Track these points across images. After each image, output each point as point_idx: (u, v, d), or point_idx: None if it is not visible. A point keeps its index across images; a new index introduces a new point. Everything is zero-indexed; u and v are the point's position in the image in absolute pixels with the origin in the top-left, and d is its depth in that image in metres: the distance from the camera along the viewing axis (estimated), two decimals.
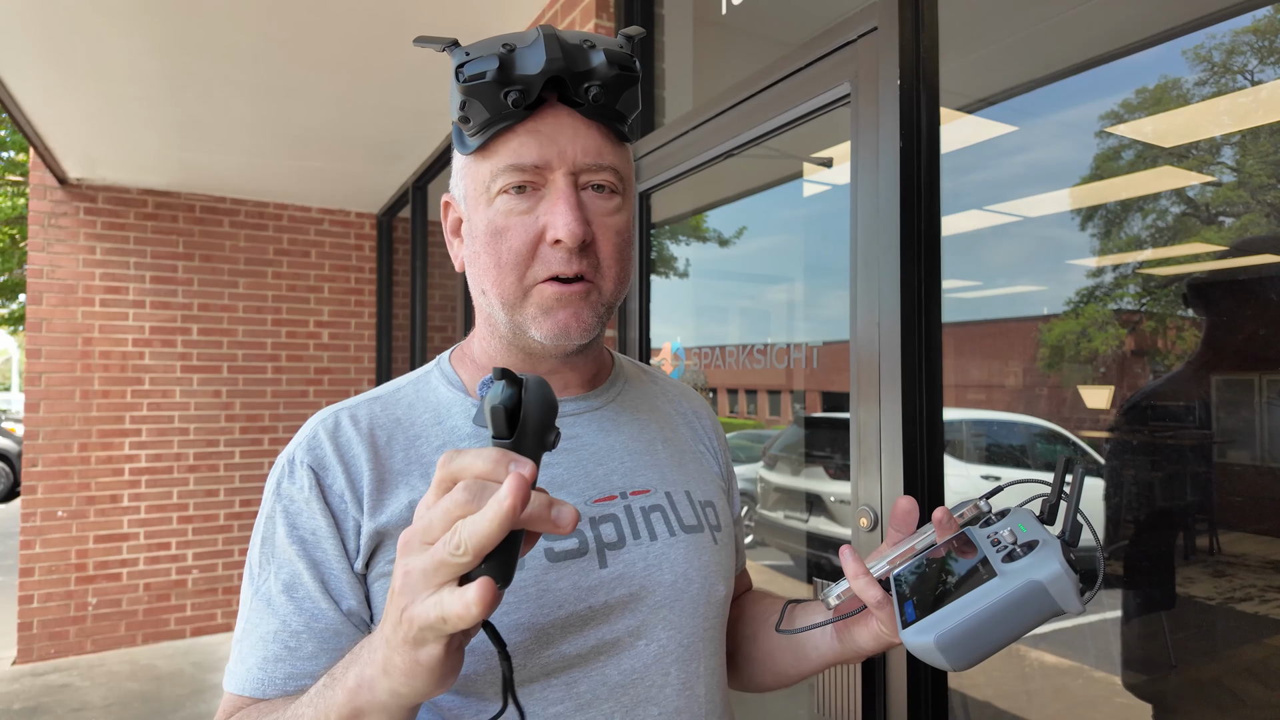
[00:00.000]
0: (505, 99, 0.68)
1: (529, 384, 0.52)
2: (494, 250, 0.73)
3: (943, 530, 0.73)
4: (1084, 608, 0.63)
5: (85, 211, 4.75)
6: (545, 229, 0.72)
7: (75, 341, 4.70)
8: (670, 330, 2.46)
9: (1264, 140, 1.08)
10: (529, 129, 0.71)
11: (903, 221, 1.43)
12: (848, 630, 0.79)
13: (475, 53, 0.69)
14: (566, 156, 0.71)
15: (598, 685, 0.72)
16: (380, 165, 4.48)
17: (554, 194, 0.72)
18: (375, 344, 5.57)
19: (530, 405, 0.52)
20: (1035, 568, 0.63)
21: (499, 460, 0.49)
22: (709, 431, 0.96)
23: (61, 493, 4.64)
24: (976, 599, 0.64)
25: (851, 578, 0.73)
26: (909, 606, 0.69)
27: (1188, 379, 1.17)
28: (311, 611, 0.69)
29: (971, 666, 0.66)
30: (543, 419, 0.52)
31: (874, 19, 1.51)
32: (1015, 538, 0.67)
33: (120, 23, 2.73)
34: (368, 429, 0.76)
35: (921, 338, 1.43)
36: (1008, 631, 0.64)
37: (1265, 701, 1.07)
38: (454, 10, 2.69)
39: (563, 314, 0.73)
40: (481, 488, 0.49)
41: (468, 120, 0.71)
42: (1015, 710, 1.42)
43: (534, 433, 0.52)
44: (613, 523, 0.77)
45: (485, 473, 0.49)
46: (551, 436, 0.53)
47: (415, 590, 0.49)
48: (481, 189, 0.74)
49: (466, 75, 0.68)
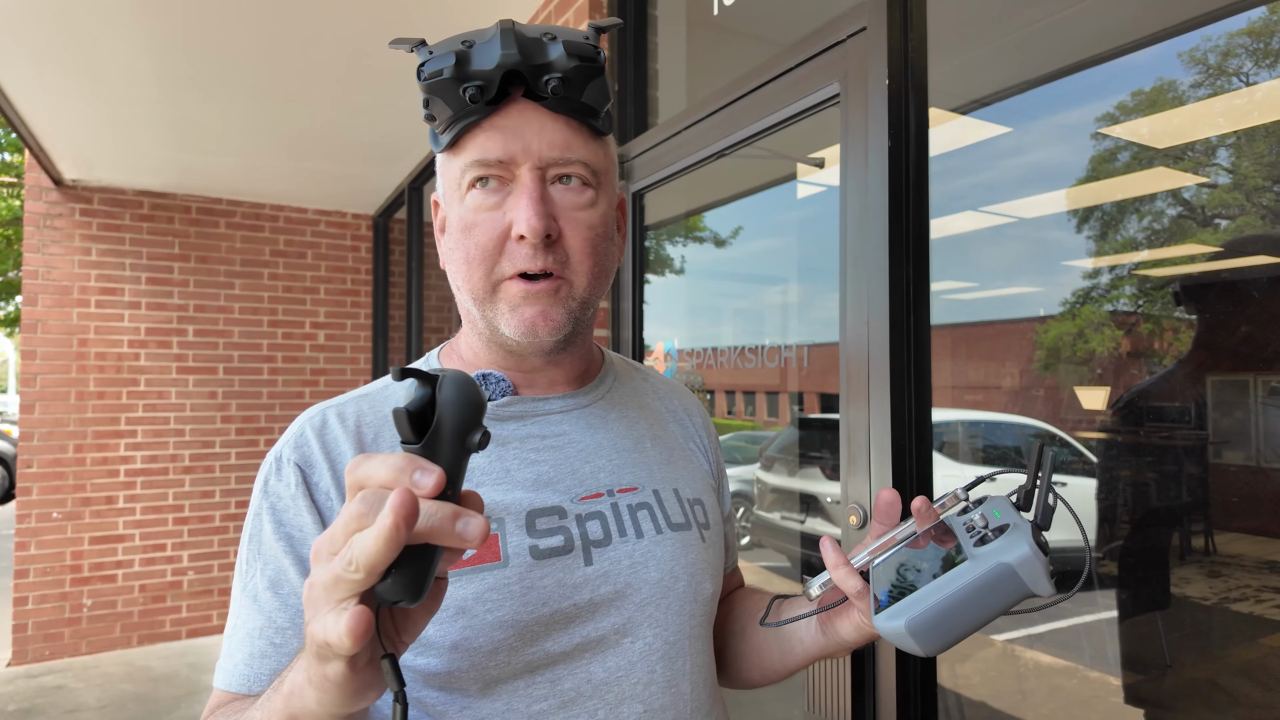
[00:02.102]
0: (464, 95, 0.68)
1: (444, 383, 0.49)
2: (464, 246, 0.73)
3: (922, 520, 0.73)
4: (1054, 590, 0.64)
5: (81, 213, 4.74)
6: (511, 224, 0.72)
7: (71, 343, 4.68)
8: (665, 331, 2.46)
9: (1259, 142, 1.08)
10: (494, 124, 0.71)
11: (891, 222, 1.43)
12: (831, 622, 0.79)
13: (436, 51, 0.69)
14: (532, 151, 0.71)
15: (581, 682, 0.72)
16: (377, 167, 4.48)
17: (519, 189, 0.72)
18: (371, 345, 5.56)
19: (446, 406, 0.48)
20: (1005, 550, 0.63)
21: (402, 468, 0.46)
22: (700, 429, 0.96)
23: (56, 494, 4.62)
24: (947, 583, 0.65)
25: (832, 568, 0.74)
26: (884, 593, 0.69)
27: (1182, 379, 1.17)
28: (297, 608, 0.70)
29: (944, 650, 0.66)
30: (462, 420, 0.48)
31: (863, 19, 1.51)
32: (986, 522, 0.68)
33: (116, 24, 2.73)
34: (354, 426, 0.76)
35: (910, 338, 1.43)
36: (978, 615, 0.64)
37: (1260, 701, 1.07)
38: (449, 13, 2.69)
39: (529, 311, 0.73)
40: (380, 497, 0.46)
41: (434, 118, 0.71)
42: (1010, 710, 1.42)
43: (452, 435, 0.48)
44: (599, 520, 0.77)
45: (386, 481, 0.47)
46: (477, 437, 0.49)
47: (316, 605, 0.48)
48: (454, 185, 0.74)
49: (426, 73, 0.68)
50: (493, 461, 0.76)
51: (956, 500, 0.73)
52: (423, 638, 0.69)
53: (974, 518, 0.70)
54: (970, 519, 0.70)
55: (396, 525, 0.43)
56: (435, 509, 0.46)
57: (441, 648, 0.69)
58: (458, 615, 0.69)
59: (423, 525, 0.45)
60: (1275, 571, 1.06)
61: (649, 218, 2.47)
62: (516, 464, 0.77)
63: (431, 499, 0.46)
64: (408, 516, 0.43)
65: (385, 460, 0.47)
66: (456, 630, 0.69)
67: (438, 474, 0.46)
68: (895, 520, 0.77)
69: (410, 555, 0.47)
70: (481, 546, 0.50)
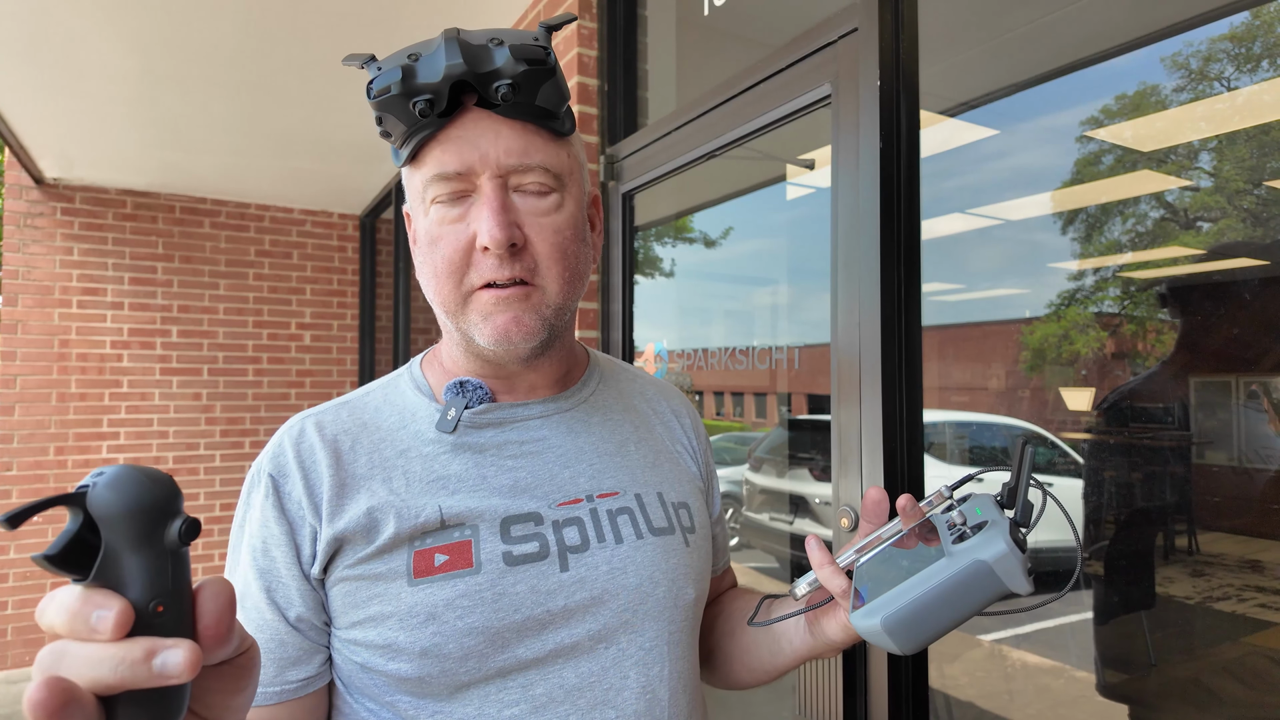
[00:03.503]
0: (414, 109, 0.68)
1: (97, 494, 0.40)
2: (431, 259, 0.73)
3: (908, 518, 0.73)
4: (1032, 588, 0.63)
5: (62, 212, 4.68)
6: (476, 235, 0.71)
7: (52, 344, 4.63)
8: (655, 332, 2.47)
9: (1240, 146, 1.09)
10: (449, 136, 0.70)
11: (883, 223, 1.44)
12: (817, 622, 0.79)
13: (384, 66, 0.68)
14: (489, 160, 0.71)
15: (554, 688, 0.72)
16: (363, 166, 4.46)
17: (480, 199, 0.71)
18: (358, 346, 5.53)
19: (110, 522, 0.39)
20: (981, 547, 0.63)
21: (76, 612, 0.39)
22: (689, 431, 0.95)
23: (36, 497, 4.56)
24: (923, 580, 0.65)
25: (817, 567, 0.74)
26: (864, 590, 0.69)
27: (1166, 380, 1.18)
28: (258, 622, 0.71)
29: (921, 648, 0.66)
30: (139, 526, 0.40)
31: (854, 20, 1.52)
32: (965, 519, 0.68)
33: (97, 20, 2.70)
34: (332, 436, 0.76)
35: (901, 339, 1.44)
36: (955, 612, 0.64)
37: (1243, 699, 1.08)
38: (435, 11, 2.68)
39: (502, 318, 0.72)
40: (61, 653, 0.39)
41: (389, 134, 0.71)
42: (998, 710, 1.43)
43: (132, 546, 0.40)
44: (577, 526, 0.77)
45: (64, 630, 0.39)
46: (176, 527, 0.41)
47: None
48: (418, 199, 0.74)
49: (375, 90, 0.68)
50: (469, 469, 0.76)
51: (942, 499, 0.74)
52: (393, 643, 0.69)
53: (954, 515, 0.70)
54: (951, 517, 0.70)
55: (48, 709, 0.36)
56: (117, 659, 0.38)
57: (411, 653, 0.69)
58: (428, 621, 0.69)
59: (110, 680, 0.38)
60: (1257, 570, 1.07)
61: (639, 219, 2.47)
62: (493, 471, 0.77)
63: (118, 639, 0.38)
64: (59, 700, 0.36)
65: (60, 603, 0.39)
66: (427, 636, 0.69)
67: (117, 610, 0.38)
68: (883, 519, 0.77)
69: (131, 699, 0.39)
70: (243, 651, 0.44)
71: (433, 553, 0.71)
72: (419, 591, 0.70)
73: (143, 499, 0.40)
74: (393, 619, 0.69)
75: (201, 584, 0.43)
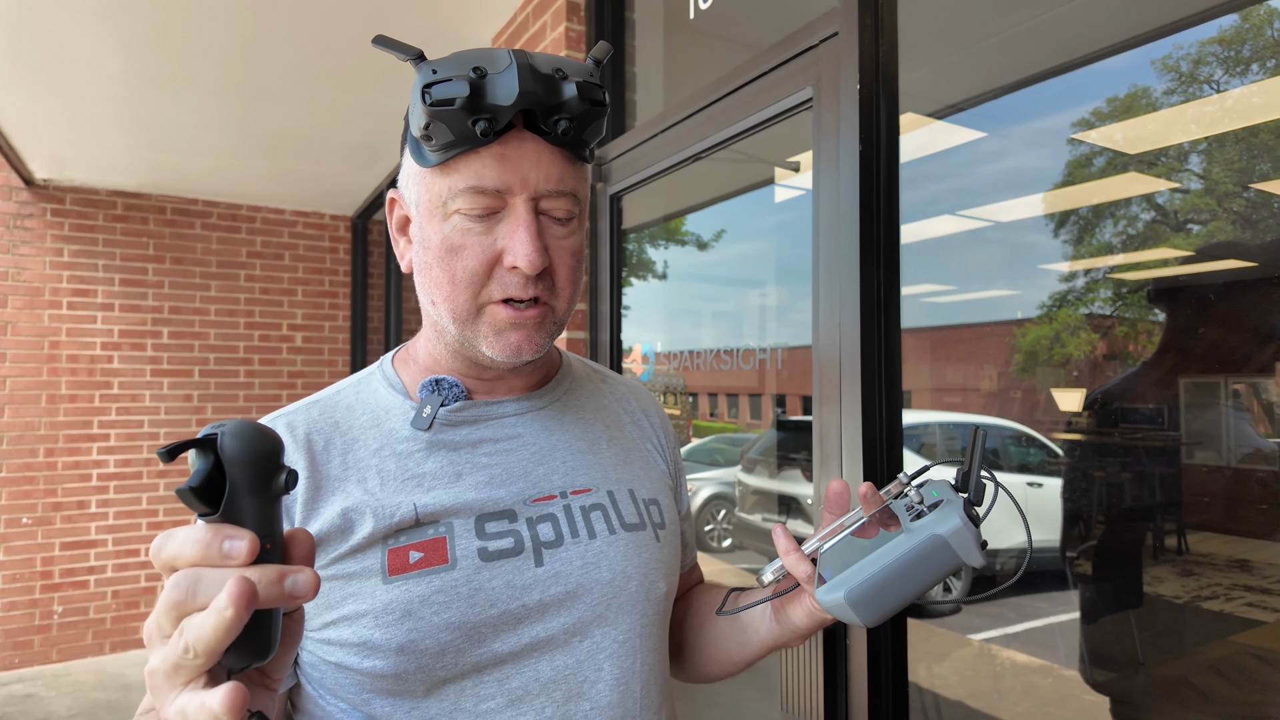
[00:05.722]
0: (473, 126, 0.67)
1: (225, 441, 0.46)
2: (448, 266, 0.73)
3: (868, 505, 0.76)
4: (984, 560, 0.68)
5: (52, 213, 4.66)
6: (503, 252, 0.72)
7: (42, 345, 4.60)
8: (643, 333, 2.47)
9: (1229, 148, 1.10)
10: (492, 152, 0.70)
11: (862, 225, 1.45)
12: (784, 609, 0.81)
13: (443, 72, 0.67)
14: (529, 183, 0.71)
15: (530, 681, 0.73)
16: (354, 167, 4.45)
17: (513, 219, 0.72)
18: (350, 347, 5.52)
19: (234, 464, 0.46)
20: (937, 523, 0.68)
21: (208, 542, 0.45)
22: (658, 429, 0.97)
23: (27, 499, 4.54)
24: (883, 555, 0.69)
25: (783, 554, 0.77)
26: (828, 570, 0.73)
27: (1155, 381, 1.19)
28: None
29: (883, 621, 0.70)
30: (257, 472, 0.46)
31: (835, 24, 1.52)
32: (922, 499, 0.73)
33: (86, 21, 2.69)
34: (304, 436, 0.76)
35: (881, 341, 1.45)
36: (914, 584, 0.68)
37: (1230, 698, 1.09)
38: (426, 12, 2.68)
39: (515, 336, 0.74)
40: (197, 577, 0.45)
41: (430, 139, 0.69)
42: (985, 709, 1.44)
43: (251, 490, 0.46)
44: (550, 522, 0.78)
45: (195, 558, 0.45)
46: (282, 479, 0.48)
47: (161, 692, 0.46)
48: (437, 203, 0.73)
49: (435, 98, 0.66)
50: (444, 466, 0.77)
51: (901, 486, 0.77)
52: (369, 641, 0.69)
53: (912, 496, 0.74)
54: (909, 499, 0.74)
55: (239, 615, 0.42)
56: (258, 575, 0.45)
57: (388, 650, 0.69)
58: (404, 618, 0.69)
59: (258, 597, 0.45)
60: (1245, 570, 1.08)
61: (627, 221, 2.47)
62: (468, 467, 0.78)
63: (249, 564, 0.45)
64: (247, 604, 0.43)
65: (189, 535, 0.46)
66: (403, 633, 0.69)
67: (248, 539, 0.45)
68: (846, 508, 0.80)
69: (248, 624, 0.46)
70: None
71: (407, 550, 0.72)
72: (394, 589, 0.70)
73: (263, 448, 0.47)
74: (368, 617, 0.70)
75: (291, 531, 0.50)
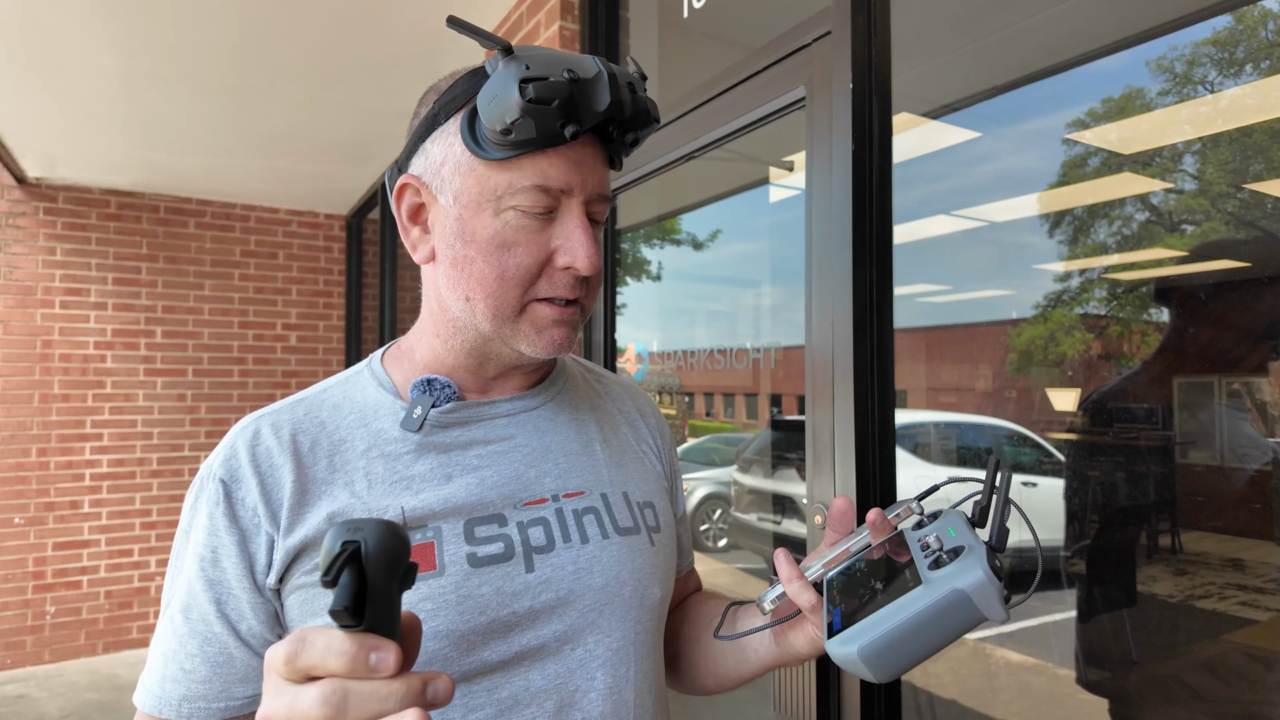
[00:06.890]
0: (561, 128, 0.67)
1: (369, 551, 0.43)
2: (498, 262, 0.71)
3: (877, 532, 0.73)
4: (1008, 615, 0.63)
5: (45, 212, 4.64)
6: (556, 252, 0.72)
7: (34, 344, 4.58)
8: (637, 333, 2.47)
9: (1223, 148, 1.10)
10: (560, 152, 0.70)
11: (855, 224, 1.45)
12: (785, 634, 0.79)
13: (538, 70, 0.66)
14: (587, 186, 0.72)
15: (520, 690, 0.71)
16: (349, 166, 4.44)
17: (570, 220, 0.72)
18: (344, 347, 5.50)
19: (378, 573, 0.44)
20: (959, 575, 0.62)
21: (354, 655, 0.44)
22: (653, 431, 0.95)
23: (19, 499, 4.52)
24: (900, 608, 0.63)
25: (786, 582, 0.74)
26: (836, 614, 0.68)
27: (1150, 381, 1.19)
28: (205, 635, 0.68)
29: (896, 677, 0.65)
30: (390, 574, 0.44)
31: (828, 23, 1.52)
32: (942, 543, 0.67)
33: (78, 18, 2.67)
34: (289, 436, 0.73)
35: (873, 340, 1.45)
36: (932, 641, 0.63)
37: (1223, 696, 1.09)
38: (420, 10, 2.67)
39: (558, 333, 0.75)
40: (345, 692, 0.44)
41: (510, 132, 0.67)
42: (980, 708, 1.44)
43: (388, 595, 0.45)
44: (542, 526, 0.76)
45: (343, 672, 0.44)
46: (408, 579, 0.46)
47: None
48: (490, 196, 0.71)
49: (534, 95, 0.65)
50: (434, 469, 0.74)
51: (910, 512, 0.73)
52: None
53: (929, 537, 0.68)
54: (925, 537, 0.69)
55: None
56: (402, 692, 0.44)
57: None
58: None
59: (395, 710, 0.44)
60: (1238, 569, 1.08)
61: (621, 221, 2.47)
62: (458, 470, 0.75)
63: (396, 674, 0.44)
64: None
65: (330, 645, 0.44)
66: None
67: (394, 651, 0.44)
68: (849, 528, 0.76)
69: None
70: None
71: None
72: None
73: (401, 552, 0.45)
74: None
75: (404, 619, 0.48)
